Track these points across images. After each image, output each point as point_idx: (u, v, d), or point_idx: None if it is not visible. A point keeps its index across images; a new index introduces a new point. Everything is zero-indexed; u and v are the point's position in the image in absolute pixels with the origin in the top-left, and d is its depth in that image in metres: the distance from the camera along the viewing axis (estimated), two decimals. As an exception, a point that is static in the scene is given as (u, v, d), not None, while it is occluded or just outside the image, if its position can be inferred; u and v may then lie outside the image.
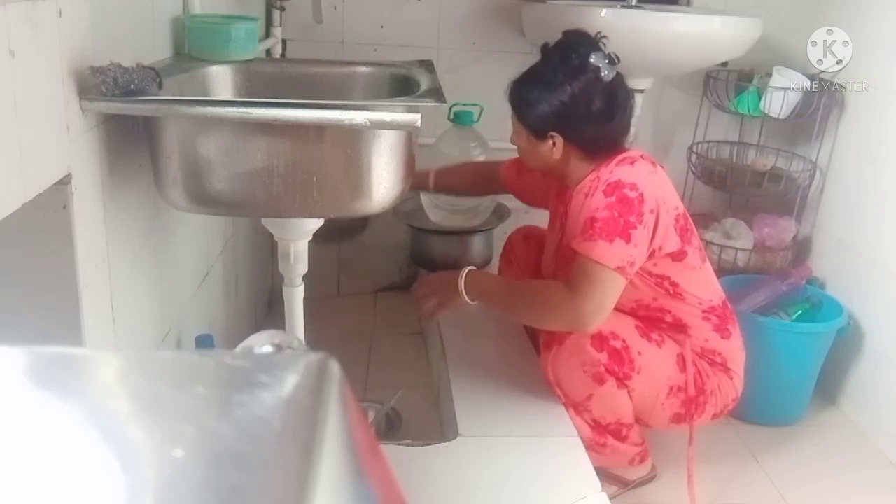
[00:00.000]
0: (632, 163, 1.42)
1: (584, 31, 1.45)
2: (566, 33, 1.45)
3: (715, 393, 1.51)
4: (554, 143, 1.45)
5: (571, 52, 1.41)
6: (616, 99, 1.43)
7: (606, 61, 1.41)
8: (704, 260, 1.52)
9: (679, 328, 1.50)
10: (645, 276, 1.44)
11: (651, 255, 1.40)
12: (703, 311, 1.50)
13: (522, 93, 1.45)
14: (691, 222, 1.48)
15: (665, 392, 1.48)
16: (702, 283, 1.50)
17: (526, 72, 1.47)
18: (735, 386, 1.54)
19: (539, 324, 1.53)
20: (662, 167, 1.48)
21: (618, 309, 1.43)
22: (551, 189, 1.62)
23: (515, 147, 1.54)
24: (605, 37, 1.44)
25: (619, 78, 1.43)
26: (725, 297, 1.57)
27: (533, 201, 1.78)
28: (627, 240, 1.34)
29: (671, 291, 1.46)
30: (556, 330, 1.46)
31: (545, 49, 1.46)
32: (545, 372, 1.51)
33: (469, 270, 1.51)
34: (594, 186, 1.42)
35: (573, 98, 1.40)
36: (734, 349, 1.54)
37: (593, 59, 1.40)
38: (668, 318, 1.49)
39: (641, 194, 1.35)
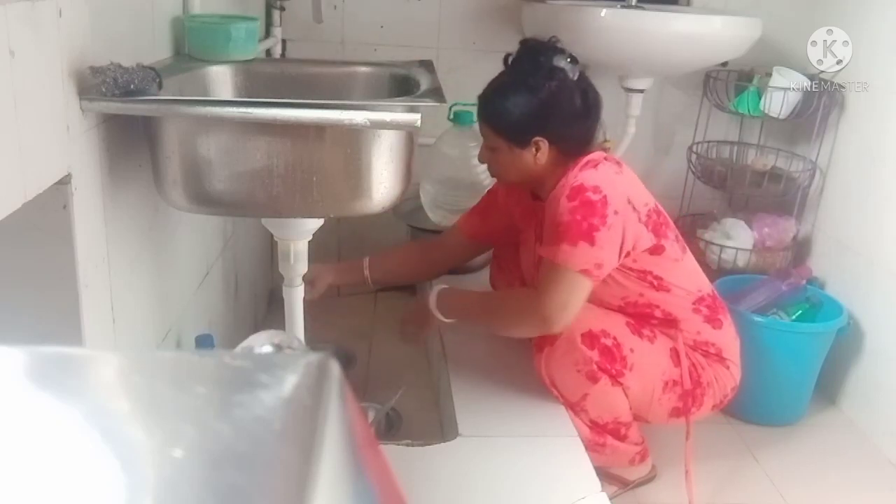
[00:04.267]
0: (595, 165, 1.41)
1: (538, 38, 1.47)
2: (524, 42, 1.48)
3: (712, 384, 1.52)
4: (538, 149, 1.44)
5: (538, 56, 1.43)
6: (588, 96, 1.45)
7: (568, 61, 1.43)
8: (685, 251, 1.52)
9: (670, 322, 1.50)
10: (627, 272, 1.45)
11: (627, 254, 1.41)
12: (693, 303, 1.51)
13: (499, 104, 1.45)
14: (665, 215, 1.49)
15: (661, 387, 1.48)
16: (686, 274, 1.51)
17: (494, 85, 1.47)
18: (732, 375, 1.55)
19: (510, 329, 1.52)
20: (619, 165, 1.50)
21: (606, 307, 1.46)
22: (516, 211, 1.63)
23: (486, 165, 1.53)
24: (558, 39, 1.46)
25: (584, 76, 1.46)
26: (713, 287, 1.58)
27: (506, 237, 1.72)
28: (591, 242, 1.35)
29: (656, 285, 1.47)
30: (526, 335, 1.49)
31: (510, 59, 1.47)
32: (540, 374, 1.51)
33: (440, 290, 1.54)
34: (561, 192, 1.42)
35: (554, 99, 1.42)
36: (727, 338, 1.55)
37: (557, 61, 1.42)
38: (658, 314, 1.50)
39: (605, 196, 1.35)
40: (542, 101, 1.42)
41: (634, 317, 1.49)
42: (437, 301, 1.52)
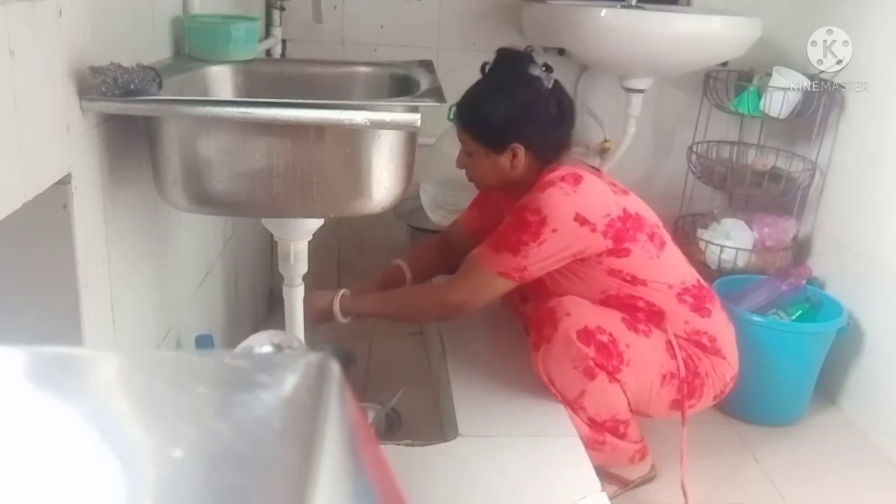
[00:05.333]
0: (547, 188, 1.44)
1: (514, 48, 1.53)
2: (500, 51, 1.53)
3: (710, 374, 1.53)
4: (514, 155, 1.50)
5: (515, 65, 1.49)
6: (563, 104, 1.52)
7: (543, 70, 1.49)
8: (662, 247, 1.52)
9: (656, 315, 1.51)
10: (599, 269, 1.48)
11: (574, 257, 1.45)
12: (677, 294, 1.52)
13: (478, 110, 1.51)
14: (637, 219, 1.49)
15: (659, 381, 1.49)
16: (665, 269, 1.52)
17: (472, 93, 1.53)
18: (730, 364, 1.55)
19: (414, 320, 1.71)
20: (597, 172, 1.54)
21: (591, 300, 1.49)
22: (503, 208, 1.65)
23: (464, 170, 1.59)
24: (534, 50, 1.54)
25: (559, 85, 1.52)
26: (699, 277, 1.58)
27: None
28: (514, 253, 1.44)
29: (630, 280, 1.49)
30: (426, 323, 1.65)
31: (487, 68, 1.52)
32: (538, 371, 1.51)
33: (342, 294, 1.58)
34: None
35: (530, 106, 1.48)
36: (718, 325, 1.55)
37: (533, 70, 1.48)
38: (642, 304, 1.51)
39: (543, 217, 1.42)
40: (518, 108, 1.48)
41: (622, 309, 1.50)
42: (341, 304, 1.57)
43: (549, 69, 1.50)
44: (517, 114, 1.48)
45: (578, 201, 1.44)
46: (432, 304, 1.57)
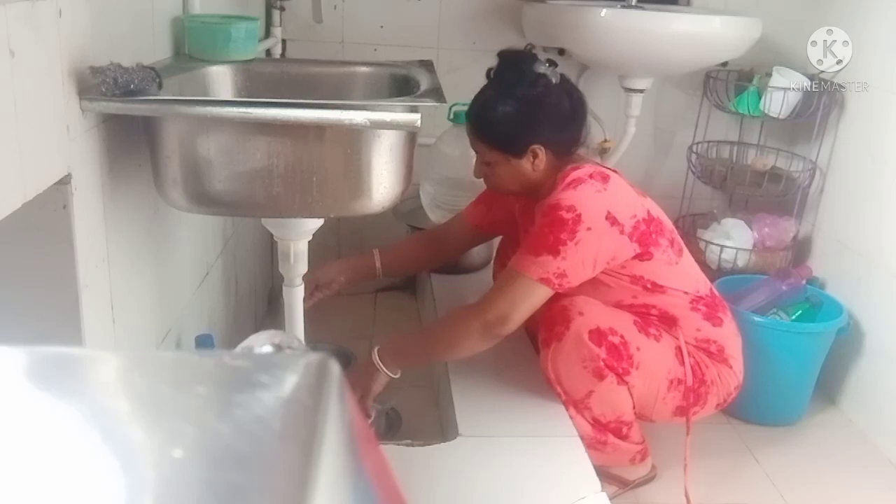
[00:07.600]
0: (577, 185, 1.41)
1: (515, 48, 1.51)
2: (501, 54, 1.49)
3: (716, 382, 1.52)
4: (535, 156, 1.47)
5: (520, 65, 1.46)
6: (573, 96, 1.49)
7: (548, 66, 1.47)
8: (681, 254, 1.52)
9: (668, 321, 1.50)
10: (619, 277, 1.46)
11: (606, 264, 1.43)
12: (690, 302, 1.51)
13: (492, 118, 1.47)
14: (659, 221, 1.48)
15: (665, 386, 1.49)
16: (682, 276, 1.51)
17: (482, 101, 1.49)
18: (735, 373, 1.55)
19: (457, 348, 1.47)
20: (616, 172, 1.49)
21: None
22: (516, 207, 1.65)
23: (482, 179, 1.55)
24: (534, 47, 1.51)
25: (566, 78, 1.49)
26: (712, 286, 1.58)
27: (508, 229, 1.76)
28: (554, 254, 1.37)
29: (650, 287, 1.48)
30: (474, 347, 1.44)
31: (492, 74, 1.49)
32: (545, 370, 1.51)
33: (378, 348, 1.48)
34: (543, 207, 1.44)
35: (543, 105, 1.45)
36: (728, 335, 1.55)
37: (538, 68, 1.45)
38: (655, 312, 1.50)
39: (578, 215, 1.37)
40: (532, 109, 1.45)
41: (634, 315, 1.49)
42: (381, 357, 1.46)
43: (553, 64, 1.48)
44: (531, 114, 1.45)
45: (609, 199, 1.41)
46: (471, 325, 1.41)
